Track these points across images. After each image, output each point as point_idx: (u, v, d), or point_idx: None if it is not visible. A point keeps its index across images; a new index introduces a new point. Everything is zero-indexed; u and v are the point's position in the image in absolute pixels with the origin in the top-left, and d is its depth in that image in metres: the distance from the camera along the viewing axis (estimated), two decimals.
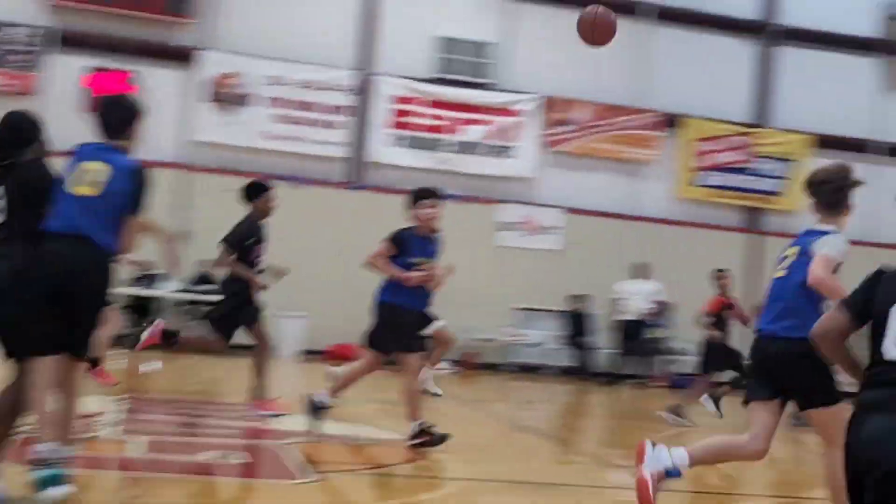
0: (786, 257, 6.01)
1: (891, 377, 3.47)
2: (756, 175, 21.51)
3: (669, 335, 20.14)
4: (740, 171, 21.43)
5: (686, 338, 20.56)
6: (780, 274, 5.91)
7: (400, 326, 8.70)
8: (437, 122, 20.12)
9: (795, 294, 5.69)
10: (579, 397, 17.23)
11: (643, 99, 21.07)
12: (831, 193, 5.93)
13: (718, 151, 21.35)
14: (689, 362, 20.37)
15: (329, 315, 18.62)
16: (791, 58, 21.86)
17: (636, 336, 19.08)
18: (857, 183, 5.94)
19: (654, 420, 13.89)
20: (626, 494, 8.38)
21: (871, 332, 3.64)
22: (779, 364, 5.73)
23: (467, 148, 20.29)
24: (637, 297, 19.25)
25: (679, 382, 19.83)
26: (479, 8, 20.71)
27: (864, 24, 22.13)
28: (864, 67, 22.21)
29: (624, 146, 20.95)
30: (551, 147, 20.69)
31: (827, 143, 21.55)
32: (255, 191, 10.17)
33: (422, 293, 8.98)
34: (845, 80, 21.94)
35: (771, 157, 21.50)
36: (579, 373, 19.88)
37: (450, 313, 19.85)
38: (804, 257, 5.73)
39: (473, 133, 20.26)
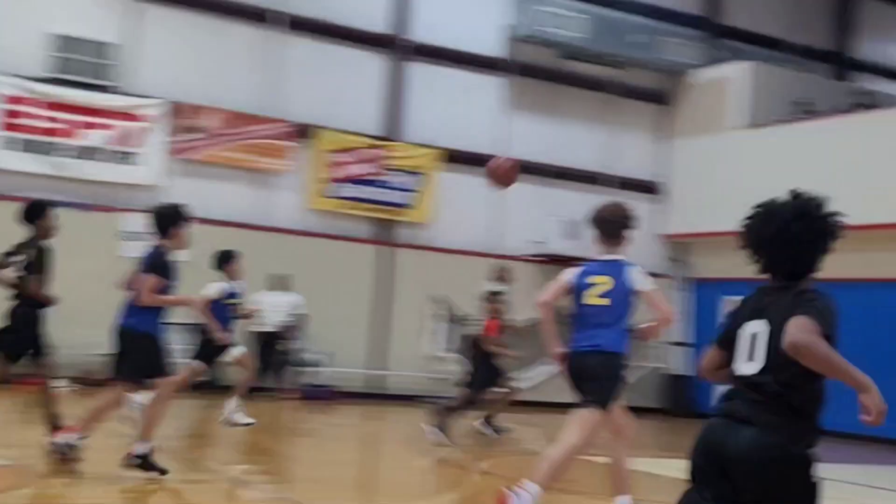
0: (594, 284, 7.29)
1: (737, 390, 4.18)
2: (387, 188, 21.83)
3: (303, 347, 20.03)
4: (372, 183, 21.67)
5: (319, 349, 20.61)
6: (603, 302, 7.30)
7: (149, 351, 8.62)
8: (53, 125, 18.85)
9: (618, 319, 7.26)
10: (207, 412, 16.67)
11: (275, 108, 20.84)
12: (617, 229, 7.44)
13: (350, 163, 21.49)
14: (322, 374, 20.43)
15: None
16: (420, 73, 22.40)
17: (271, 348, 18.75)
18: (634, 221, 7.60)
19: (292, 432, 13.67)
20: None
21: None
22: (592, 369, 7.31)
23: (87, 153, 19.16)
24: (275, 309, 18.94)
25: (311, 394, 19.80)
26: (99, 6, 19.63)
27: (490, 45, 23.08)
28: (488, 85, 23.14)
29: (255, 156, 20.59)
30: (178, 154, 19.97)
31: (454, 157, 22.28)
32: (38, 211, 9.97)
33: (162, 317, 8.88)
34: (471, 97, 22.79)
35: (402, 170, 21.90)
36: (209, 387, 19.26)
37: (69, 328, 18.86)
38: (622, 287, 7.29)
39: (94, 138, 19.16)
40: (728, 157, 23.00)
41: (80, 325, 18.97)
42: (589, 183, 23.71)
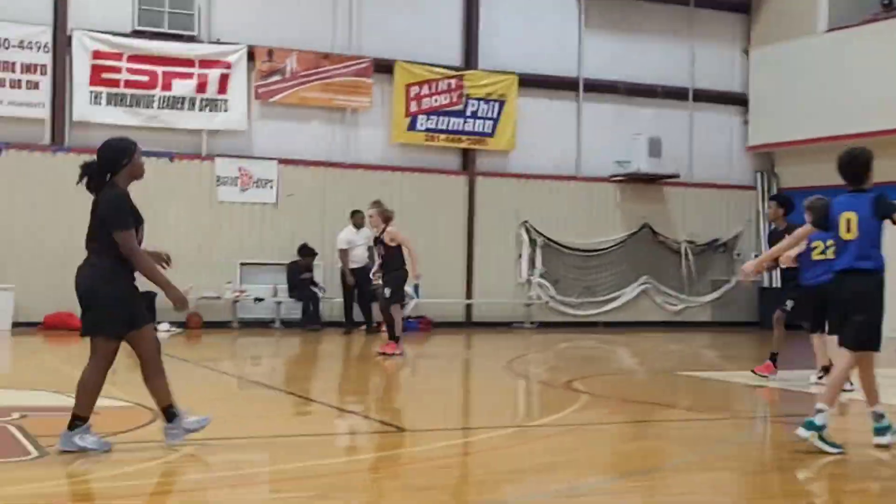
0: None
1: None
2: (468, 117, 21.95)
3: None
4: (452, 113, 21.81)
5: (408, 282, 20.99)
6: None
7: None
8: (143, 78, 19.36)
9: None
10: (310, 348, 17.21)
11: (353, 46, 21.06)
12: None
13: (430, 95, 21.65)
14: (413, 305, 20.86)
15: (39, 285, 17.79)
16: (494, 0, 22.31)
17: (363, 283, 19.15)
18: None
19: (389, 363, 14.11)
20: (360, 439, 8.47)
21: None
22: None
23: (176, 103, 19.65)
24: (362, 246, 19.30)
25: (410, 325, 20.23)
26: None
27: None
28: (563, 6, 22.97)
29: (336, 94, 20.88)
30: (262, 98, 20.36)
31: (532, 82, 22.32)
32: None
33: None
34: (546, 20, 22.64)
35: (481, 99, 21.99)
36: (308, 324, 19.85)
37: (171, 273, 19.53)
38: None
39: (181, 87, 19.63)
40: (811, 63, 22.52)
41: (182, 268, 19.66)
42: (671, 98, 23.58)
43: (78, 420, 6.78)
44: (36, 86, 18.65)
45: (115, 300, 6.85)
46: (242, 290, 19.92)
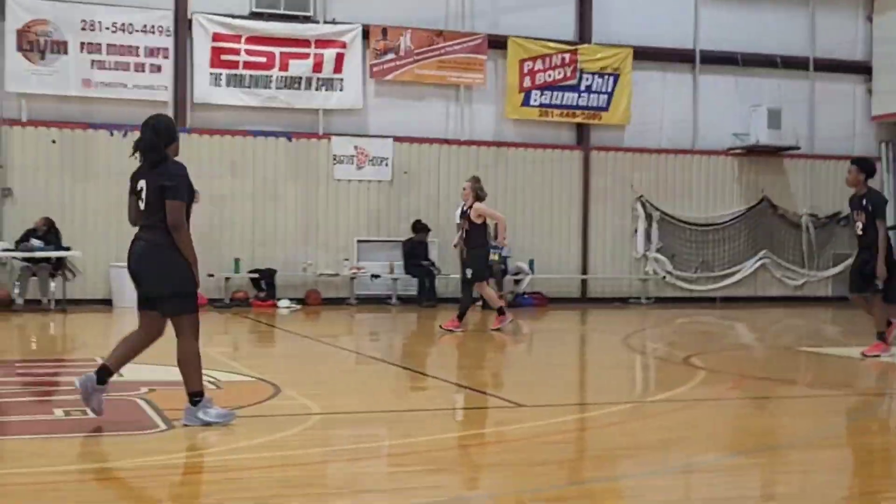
0: None
1: None
2: (582, 91, 21.81)
3: (510, 256, 20.48)
4: (566, 88, 21.69)
5: (524, 257, 21.04)
6: None
7: None
8: (261, 59, 19.73)
9: None
10: (426, 324, 17.37)
11: (466, 22, 21.08)
12: None
13: (544, 70, 21.57)
14: (528, 281, 20.88)
15: None
16: None
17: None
18: None
19: (503, 338, 14.17)
20: (477, 415, 8.56)
21: None
22: None
23: (293, 83, 19.97)
24: None
25: (520, 301, 20.28)
26: None
27: None
28: None
29: (450, 71, 20.95)
30: (377, 77, 20.54)
31: (647, 54, 22.05)
32: None
33: None
34: None
35: (595, 73, 21.82)
36: (424, 300, 20.05)
37: (290, 250, 19.93)
38: None
39: (298, 68, 19.94)
40: None
41: (300, 246, 20.05)
42: (790, 68, 23.05)
43: (196, 396, 6.97)
44: (158, 69, 19.15)
45: (189, 277, 6.95)
46: (359, 267, 20.19)
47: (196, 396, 6.96)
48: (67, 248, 17.82)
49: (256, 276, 19.47)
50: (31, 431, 6.94)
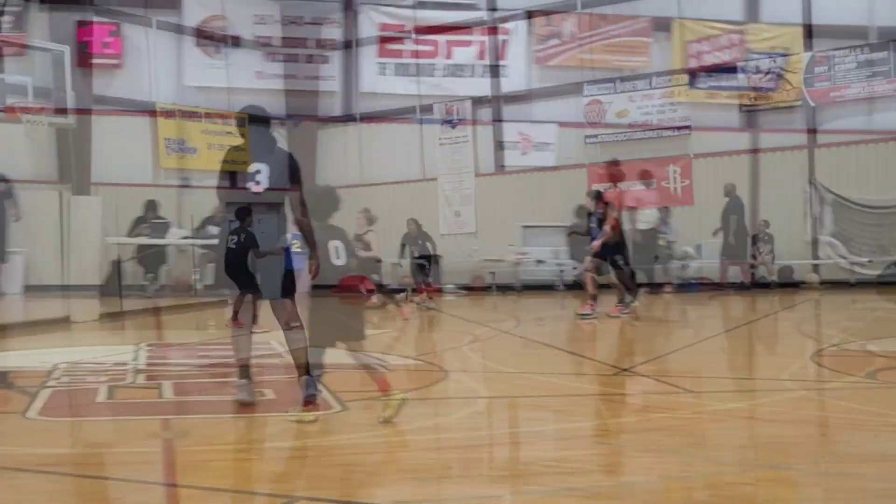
0: None
1: None
2: (750, 72, 21.33)
3: (676, 241, 20.24)
4: (734, 69, 21.26)
5: (688, 243, 20.74)
6: None
7: None
8: (426, 48, 19.99)
9: None
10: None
11: (630, 6, 20.86)
12: None
13: (711, 51, 21.18)
14: (693, 267, 20.57)
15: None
16: None
17: (649, 245, 19.09)
18: None
19: (666, 324, 14.02)
20: (648, 400, 8.51)
21: None
22: None
23: (458, 70, 20.16)
24: (649, 206, 19.24)
25: (692, 286, 20.00)
26: None
27: None
28: None
29: (615, 54, 20.78)
30: (541, 62, 20.54)
31: (817, 33, 21.39)
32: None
33: None
34: None
35: (764, 53, 21.30)
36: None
37: (454, 238, 20.16)
38: None
39: (463, 55, 20.12)
40: None
41: (463, 234, 20.26)
42: None
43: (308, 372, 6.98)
44: (327, 60, 19.61)
45: (279, 262, 7.03)
46: (524, 253, 20.25)
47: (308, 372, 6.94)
48: None
49: (423, 262, 19.74)
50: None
